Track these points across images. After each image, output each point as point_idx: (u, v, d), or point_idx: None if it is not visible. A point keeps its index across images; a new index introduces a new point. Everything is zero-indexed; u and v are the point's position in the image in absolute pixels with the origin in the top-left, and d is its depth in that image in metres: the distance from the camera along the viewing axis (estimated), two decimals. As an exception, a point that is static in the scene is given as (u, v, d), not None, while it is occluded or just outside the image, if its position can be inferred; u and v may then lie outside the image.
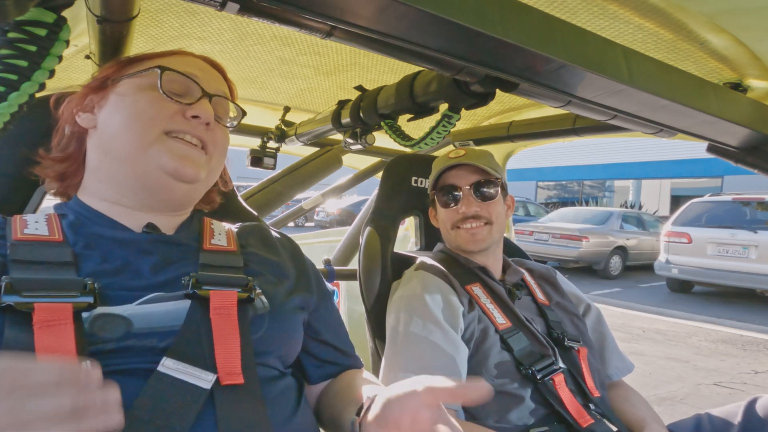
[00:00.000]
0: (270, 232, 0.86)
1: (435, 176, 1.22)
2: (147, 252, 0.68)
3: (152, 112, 0.69)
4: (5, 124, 0.58)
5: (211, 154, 0.74)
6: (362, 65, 1.21)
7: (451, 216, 1.19)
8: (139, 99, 0.69)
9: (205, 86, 0.73)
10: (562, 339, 1.11)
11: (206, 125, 0.71)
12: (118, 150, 0.69)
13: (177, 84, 0.71)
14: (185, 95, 0.72)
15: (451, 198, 1.18)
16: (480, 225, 1.16)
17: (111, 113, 0.70)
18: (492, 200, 1.17)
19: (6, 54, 0.55)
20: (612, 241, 9.27)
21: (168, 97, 0.69)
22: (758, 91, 1.01)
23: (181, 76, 0.71)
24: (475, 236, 1.16)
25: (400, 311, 1.09)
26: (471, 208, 1.15)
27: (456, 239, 1.19)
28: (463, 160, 1.17)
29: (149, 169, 0.68)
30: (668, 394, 3.46)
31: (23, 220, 0.67)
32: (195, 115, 0.70)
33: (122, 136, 0.68)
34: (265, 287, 0.70)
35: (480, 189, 1.17)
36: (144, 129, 0.68)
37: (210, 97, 0.73)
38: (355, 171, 2.10)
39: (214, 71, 0.79)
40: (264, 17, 0.58)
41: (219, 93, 0.76)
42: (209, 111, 0.71)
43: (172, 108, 0.70)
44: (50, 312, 0.55)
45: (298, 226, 15.10)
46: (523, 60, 0.64)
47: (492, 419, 1.00)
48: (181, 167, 0.68)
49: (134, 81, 0.71)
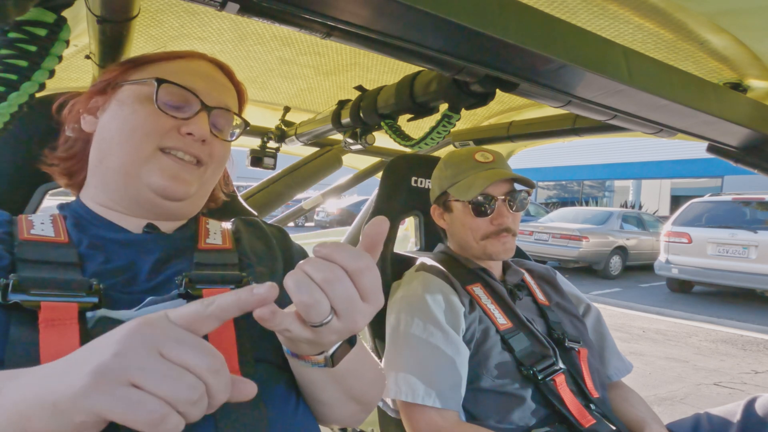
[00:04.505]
0: (262, 225, 0.86)
1: (460, 180, 1.18)
2: (149, 251, 0.68)
3: (147, 127, 0.68)
4: (5, 124, 0.58)
5: (206, 167, 0.73)
6: (362, 65, 1.21)
7: (483, 226, 1.16)
8: (137, 110, 0.69)
9: (206, 98, 0.72)
10: (562, 339, 1.11)
11: (201, 141, 0.71)
12: (112, 161, 0.69)
13: (176, 96, 0.70)
14: (183, 108, 0.71)
15: (486, 208, 1.15)
16: (509, 235, 1.16)
17: (109, 121, 0.70)
18: (521, 211, 1.17)
19: (6, 54, 0.55)
20: (612, 241, 9.27)
21: (164, 112, 0.68)
22: (758, 91, 1.01)
23: (180, 89, 0.70)
24: (506, 245, 1.15)
25: (401, 312, 1.09)
26: (506, 220, 1.14)
27: (486, 248, 1.16)
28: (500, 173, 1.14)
29: (139, 185, 0.68)
30: (668, 394, 3.46)
31: (29, 221, 0.67)
32: (189, 132, 0.69)
33: (117, 147, 0.68)
34: (260, 280, 0.70)
35: (513, 200, 1.16)
36: (138, 144, 0.67)
37: (209, 111, 0.72)
38: (355, 171, 2.10)
39: (220, 77, 0.77)
40: (264, 17, 0.58)
41: (220, 105, 0.74)
42: (204, 128, 0.70)
43: (168, 123, 0.69)
44: (56, 311, 0.55)
45: (298, 226, 15.10)
46: (523, 60, 0.64)
47: (493, 420, 1.00)
48: (170, 187, 0.68)
49: (134, 89, 0.71)
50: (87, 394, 0.38)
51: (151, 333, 0.41)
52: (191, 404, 0.40)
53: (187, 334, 0.43)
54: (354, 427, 0.80)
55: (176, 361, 0.40)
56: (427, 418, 0.98)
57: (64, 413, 0.39)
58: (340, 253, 0.49)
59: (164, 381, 0.39)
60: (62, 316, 0.55)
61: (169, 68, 0.73)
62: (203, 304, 0.45)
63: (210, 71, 0.76)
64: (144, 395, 0.38)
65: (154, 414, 0.38)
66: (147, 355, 0.40)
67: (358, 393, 0.70)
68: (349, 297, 0.49)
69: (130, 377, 0.39)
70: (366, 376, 0.71)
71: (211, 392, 0.42)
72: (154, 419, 0.38)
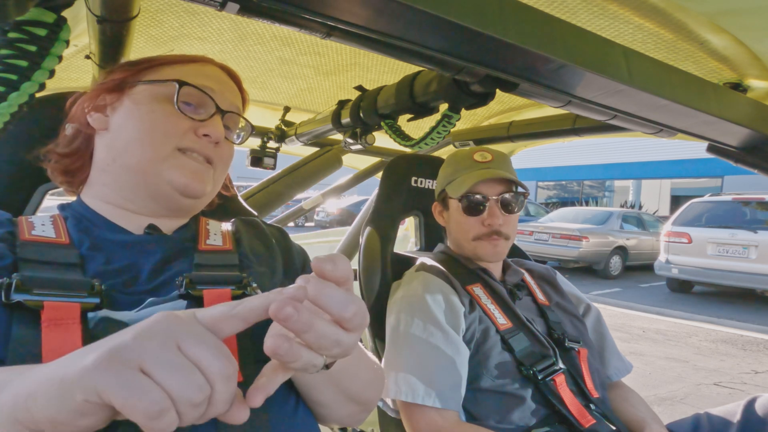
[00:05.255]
0: (262, 225, 0.86)
1: (456, 178, 1.19)
2: (150, 252, 0.68)
3: (167, 127, 0.69)
4: (5, 124, 0.58)
5: (216, 168, 0.75)
6: (362, 65, 1.21)
7: (475, 226, 1.16)
8: (155, 110, 0.70)
9: (220, 101, 0.74)
10: (562, 340, 1.11)
11: (215, 144, 0.73)
12: (128, 159, 0.69)
13: (192, 97, 0.72)
14: (199, 109, 0.73)
15: (476, 207, 1.15)
16: (501, 239, 1.15)
17: (125, 119, 0.71)
18: (515, 213, 1.17)
19: (6, 54, 0.55)
20: (612, 241, 9.27)
21: (182, 113, 0.70)
22: (758, 91, 1.01)
23: (198, 91, 0.72)
24: (497, 248, 1.15)
25: (401, 312, 1.09)
26: (496, 221, 1.14)
27: (476, 250, 1.17)
28: (493, 173, 1.14)
29: (159, 182, 0.69)
30: (668, 394, 3.46)
31: (30, 222, 0.67)
32: (206, 133, 0.71)
33: (135, 146, 0.69)
34: (261, 280, 0.70)
35: (506, 201, 1.15)
36: (158, 143, 0.69)
37: (223, 114, 0.74)
38: (355, 171, 2.10)
39: (230, 83, 0.79)
40: (264, 17, 0.58)
41: (233, 109, 0.77)
42: (220, 131, 0.72)
43: (186, 124, 0.71)
44: (59, 310, 0.55)
45: (298, 226, 15.10)
46: (523, 60, 0.64)
47: (493, 420, 1.00)
48: (191, 183, 0.70)
49: (151, 89, 0.71)
50: (95, 369, 0.37)
51: (174, 325, 0.41)
52: (192, 405, 0.39)
53: (209, 335, 0.42)
54: (354, 426, 0.80)
55: (192, 357, 0.40)
56: (427, 418, 0.98)
57: (68, 390, 0.38)
58: (327, 299, 0.45)
59: (174, 374, 0.38)
60: (64, 316, 0.55)
61: (185, 71, 0.74)
62: (230, 305, 0.44)
63: (222, 76, 0.78)
64: (150, 384, 0.37)
65: (154, 406, 0.37)
66: (164, 344, 0.39)
67: (356, 393, 0.70)
68: (338, 342, 0.46)
69: (141, 362, 0.38)
70: (362, 376, 0.72)
71: (213, 399, 0.41)
72: (153, 411, 0.37)
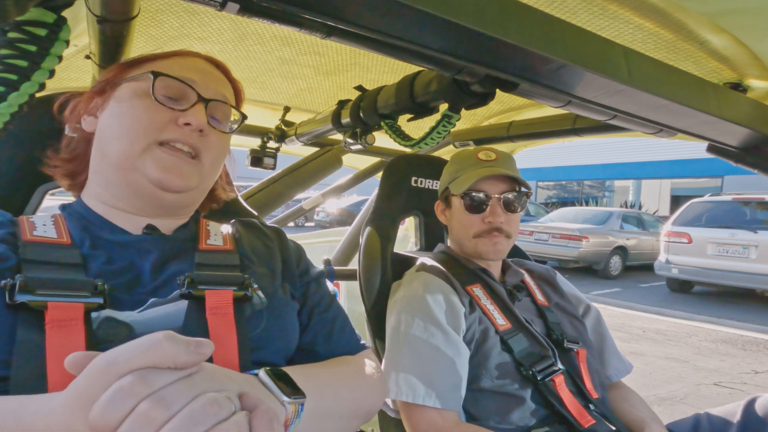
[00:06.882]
0: (261, 226, 0.86)
1: (460, 176, 1.19)
2: (147, 252, 0.68)
3: (145, 121, 0.68)
4: (5, 124, 0.58)
5: (204, 161, 0.73)
6: (362, 65, 1.21)
7: (476, 224, 1.17)
8: (135, 105, 0.69)
9: (202, 90, 0.72)
10: (561, 340, 1.11)
11: (199, 132, 0.71)
12: (111, 156, 0.69)
13: (172, 89, 0.71)
14: (181, 100, 0.71)
15: (479, 205, 1.16)
16: (501, 237, 1.16)
17: (109, 118, 0.71)
18: (517, 213, 1.17)
19: (6, 54, 0.55)
20: (612, 241, 9.27)
21: (161, 104, 0.69)
22: (758, 91, 1.01)
23: (175, 81, 0.70)
24: (497, 245, 1.16)
25: (401, 312, 1.09)
26: (498, 219, 1.14)
27: (476, 247, 1.17)
28: (495, 170, 1.14)
29: (137, 178, 0.68)
30: (668, 394, 3.46)
31: (31, 222, 0.67)
32: (187, 122, 0.69)
33: (115, 142, 0.69)
34: (261, 281, 0.70)
35: (509, 200, 1.16)
36: (135, 137, 0.68)
37: (206, 102, 0.72)
38: (355, 171, 2.10)
39: (216, 73, 0.78)
40: (264, 17, 0.58)
41: (217, 97, 0.74)
42: (201, 118, 0.70)
43: (166, 116, 0.69)
44: (63, 311, 0.55)
45: (298, 226, 15.10)
46: (523, 60, 0.64)
47: (493, 420, 1.00)
48: (166, 178, 0.68)
49: (132, 86, 0.71)
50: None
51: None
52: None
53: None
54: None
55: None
56: (427, 418, 0.98)
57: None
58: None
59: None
60: (69, 317, 0.55)
61: (165, 64, 0.73)
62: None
63: (206, 66, 0.77)
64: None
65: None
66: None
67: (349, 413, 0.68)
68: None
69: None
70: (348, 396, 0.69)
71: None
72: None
